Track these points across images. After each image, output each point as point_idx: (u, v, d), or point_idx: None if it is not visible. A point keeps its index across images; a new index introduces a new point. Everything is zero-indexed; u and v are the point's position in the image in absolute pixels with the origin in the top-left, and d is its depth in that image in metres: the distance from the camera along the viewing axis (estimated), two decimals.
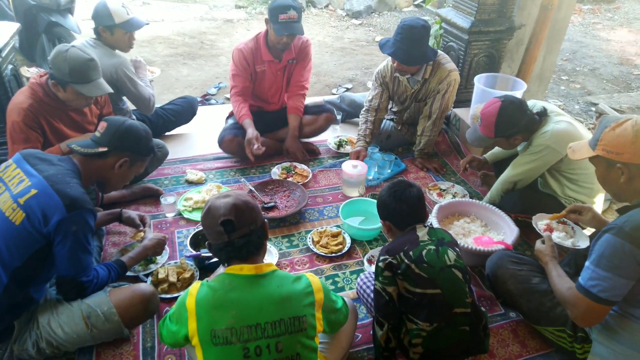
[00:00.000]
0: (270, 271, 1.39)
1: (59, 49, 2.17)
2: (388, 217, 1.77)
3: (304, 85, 3.18)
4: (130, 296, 1.77)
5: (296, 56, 3.12)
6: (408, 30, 2.73)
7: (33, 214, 1.55)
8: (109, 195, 2.56)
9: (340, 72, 5.32)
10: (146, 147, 1.91)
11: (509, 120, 2.29)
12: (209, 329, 1.29)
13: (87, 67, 2.17)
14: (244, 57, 3.00)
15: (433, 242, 1.68)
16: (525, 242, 2.53)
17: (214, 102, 4.27)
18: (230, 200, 1.39)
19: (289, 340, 1.32)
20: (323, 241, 2.44)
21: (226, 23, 6.77)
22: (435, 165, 3.17)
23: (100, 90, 2.25)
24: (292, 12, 2.82)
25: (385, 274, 1.64)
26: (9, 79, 2.67)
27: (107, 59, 2.68)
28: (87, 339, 1.73)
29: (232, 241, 1.37)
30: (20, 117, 2.19)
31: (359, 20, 7.27)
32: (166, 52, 5.54)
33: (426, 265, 1.61)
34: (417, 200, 1.73)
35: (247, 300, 1.32)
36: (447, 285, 1.62)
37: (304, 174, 3.01)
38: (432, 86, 2.97)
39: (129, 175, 1.94)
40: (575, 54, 6.18)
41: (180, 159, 3.14)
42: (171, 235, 2.47)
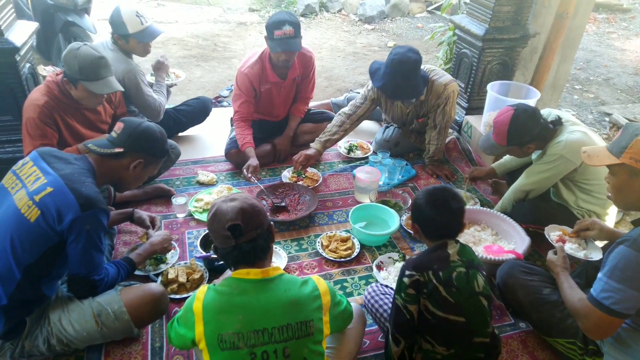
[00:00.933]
0: (277, 275, 1.39)
1: (71, 47, 2.21)
2: (419, 222, 1.67)
3: (309, 96, 3.26)
4: (141, 296, 1.79)
5: (301, 73, 3.10)
6: (398, 65, 2.65)
7: (48, 212, 1.57)
8: (122, 194, 2.58)
9: (352, 76, 5.32)
10: (161, 149, 1.93)
11: (521, 128, 2.27)
12: (216, 333, 1.29)
13: (97, 65, 2.20)
14: (249, 81, 2.94)
15: (463, 263, 1.59)
16: (536, 252, 2.51)
17: (226, 104, 4.29)
18: (237, 204, 1.37)
19: (296, 345, 1.32)
20: (332, 246, 2.44)
21: (239, 26, 6.81)
22: (446, 172, 3.15)
23: (110, 87, 2.26)
24: (288, 27, 2.72)
25: (410, 291, 1.56)
26: (27, 77, 2.70)
27: (118, 63, 2.69)
28: (96, 336, 1.74)
29: (239, 245, 1.36)
30: (35, 113, 2.22)
31: (372, 25, 7.28)
32: (180, 54, 5.59)
33: (455, 290, 1.54)
34: (457, 215, 1.62)
35: (254, 305, 1.32)
36: (472, 314, 1.56)
37: (315, 177, 3.01)
38: (431, 103, 2.95)
39: (143, 176, 1.95)
40: (589, 63, 6.13)
41: (191, 160, 3.16)
42: (181, 236, 2.48)
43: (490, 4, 3.14)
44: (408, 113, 3.06)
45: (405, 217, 2.68)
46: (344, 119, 3.00)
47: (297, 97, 3.23)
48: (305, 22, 7.17)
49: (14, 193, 1.65)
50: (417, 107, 3.01)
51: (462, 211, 1.63)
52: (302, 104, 3.25)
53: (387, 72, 2.69)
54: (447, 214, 1.61)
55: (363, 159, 3.27)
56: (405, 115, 3.09)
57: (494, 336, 1.64)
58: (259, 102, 3.09)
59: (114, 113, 2.63)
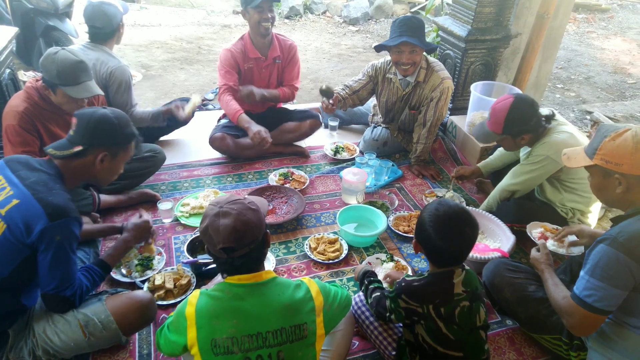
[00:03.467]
0: (269, 279, 1.38)
1: (49, 51, 2.16)
2: (427, 249, 1.54)
3: (295, 84, 3.29)
4: (128, 303, 1.75)
5: (281, 55, 3.17)
6: (409, 20, 2.80)
7: (15, 225, 1.50)
8: (106, 200, 2.55)
9: (338, 78, 5.33)
10: (123, 136, 1.77)
11: (519, 117, 2.27)
12: (210, 338, 1.28)
13: (76, 69, 2.15)
14: (231, 56, 3.05)
15: (467, 295, 1.51)
16: (521, 250, 2.54)
17: (212, 107, 4.27)
18: (230, 223, 1.31)
19: (290, 349, 1.32)
20: (320, 248, 2.44)
21: (224, 28, 6.79)
22: (432, 172, 3.18)
23: (89, 92, 2.22)
24: None
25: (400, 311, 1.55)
26: (7, 83, 2.66)
27: (109, 58, 2.74)
28: (84, 346, 1.70)
29: (231, 260, 1.35)
30: (15, 120, 2.18)
31: (356, 26, 7.31)
32: (164, 57, 5.54)
33: (456, 327, 1.49)
34: (470, 244, 1.49)
35: (247, 310, 1.31)
36: (470, 349, 1.54)
37: (301, 180, 3.01)
38: (425, 93, 2.99)
39: (117, 166, 1.82)
40: (570, 62, 6.24)
41: (177, 164, 3.14)
42: (168, 241, 2.46)
43: (472, 5, 3.18)
44: (403, 96, 3.08)
45: (393, 217, 2.69)
46: (344, 87, 3.18)
47: (284, 84, 3.27)
48: (290, 24, 7.17)
49: None
50: (413, 90, 3.03)
51: (476, 235, 1.50)
52: (288, 89, 3.25)
53: (403, 29, 2.79)
54: (461, 243, 1.49)
55: (349, 161, 3.28)
56: (400, 99, 3.11)
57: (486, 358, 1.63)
58: (241, 82, 3.13)
59: None
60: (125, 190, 2.68)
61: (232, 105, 3.01)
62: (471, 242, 1.49)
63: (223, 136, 3.06)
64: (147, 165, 2.73)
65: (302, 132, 3.29)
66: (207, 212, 1.38)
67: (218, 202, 1.39)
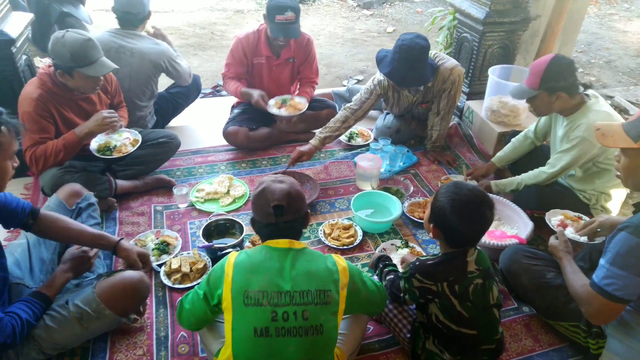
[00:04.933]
0: (302, 247, 1.49)
1: (56, 36, 2.16)
2: (441, 228, 1.54)
3: (314, 80, 3.26)
4: (117, 287, 1.70)
5: (295, 54, 3.12)
6: (406, 51, 2.61)
7: None
8: (122, 185, 2.57)
9: (351, 63, 5.28)
10: None
11: (558, 72, 2.19)
12: (243, 289, 1.38)
13: (87, 47, 2.16)
14: (242, 48, 3.01)
15: (481, 273, 1.53)
16: (539, 237, 2.50)
17: (225, 93, 4.26)
18: (285, 187, 1.47)
19: (314, 310, 1.39)
20: (335, 234, 2.43)
21: (236, 14, 6.74)
22: (448, 158, 3.14)
23: (105, 68, 2.23)
24: (290, 13, 2.76)
25: (414, 290, 1.57)
26: (23, 69, 2.68)
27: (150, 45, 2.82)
28: (86, 335, 1.70)
29: (277, 223, 1.46)
30: (31, 107, 2.19)
31: (370, 10, 7.20)
32: (177, 43, 5.53)
33: (470, 304, 1.51)
34: (489, 224, 1.50)
35: (279, 269, 1.41)
36: (484, 327, 1.56)
37: (299, 107, 3.01)
38: (437, 89, 2.92)
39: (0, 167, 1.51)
40: (591, 45, 6.07)
41: (191, 150, 3.15)
42: (184, 226, 2.48)
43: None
44: (414, 101, 3.02)
45: (408, 204, 2.67)
46: (348, 115, 2.92)
47: (302, 80, 3.27)
48: (303, 9, 7.08)
49: None
50: (424, 94, 2.97)
51: (493, 218, 1.52)
52: (308, 87, 3.23)
53: (395, 58, 2.65)
54: (479, 224, 1.50)
55: (364, 147, 3.26)
56: (412, 104, 3.06)
57: (499, 341, 1.64)
58: (250, 77, 3.11)
59: (111, 102, 2.61)
60: (141, 175, 2.69)
61: (231, 85, 3.06)
62: (490, 222, 1.51)
63: (236, 130, 3.04)
64: (162, 151, 2.74)
65: (319, 121, 3.26)
66: (262, 180, 1.53)
67: (272, 176, 1.56)
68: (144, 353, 1.82)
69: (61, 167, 2.33)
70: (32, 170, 2.33)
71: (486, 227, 1.52)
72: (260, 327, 1.36)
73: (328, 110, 3.27)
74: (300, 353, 1.38)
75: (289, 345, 1.37)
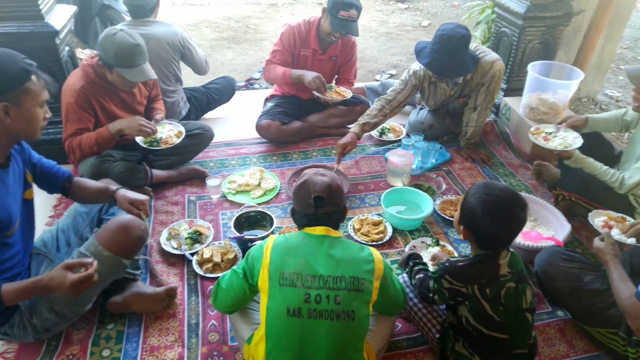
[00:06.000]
0: (338, 236, 1.53)
1: (108, 32, 2.23)
2: (472, 230, 1.51)
3: (351, 81, 3.29)
4: (113, 227, 1.74)
5: (339, 54, 3.13)
6: (446, 40, 2.56)
7: None
8: (158, 175, 2.64)
9: (385, 57, 5.22)
10: (10, 77, 1.47)
11: None
12: (279, 270, 1.43)
13: (133, 52, 2.22)
14: (293, 35, 3.00)
15: (513, 276, 1.49)
16: (576, 239, 2.42)
17: (258, 86, 4.30)
18: (327, 180, 1.52)
19: (347, 296, 1.41)
20: (364, 229, 2.43)
21: (271, 7, 6.77)
22: (482, 156, 3.07)
23: (143, 76, 2.29)
24: (354, 11, 2.80)
25: (444, 292, 1.55)
26: (66, 60, 2.77)
27: (169, 29, 2.90)
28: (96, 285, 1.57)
29: (316, 214, 1.51)
30: (73, 98, 2.27)
31: (405, 4, 7.09)
32: (212, 36, 5.61)
33: (502, 308, 1.48)
34: (522, 226, 1.45)
35: (314, 254, 1.45)
36: (516, 331, 1.52)
37: (343, 93, 3.07)
38: (476, 81, 2.85)
39: (30, 112, 1.54)
40: (637, 41, 5.80)
41: (224, 142, 3.19)
42: (216, 217, 2.52)
43: None
44: (452, 95, 2.96)
45: (439, 201, 2.63)
46: (383, 104, 2.90)
47: (340, 79, 3.29)
48: None
49: None
50: (462, 87, 2.90)
51: (526, 219, 1.48)
52: (345, 85, 3.25)
53: (434, 48, 2.61)
54: (512, 226, 1.45)
55: (396, 142, 3.22)
56: (449, 98, 3.00)
57: (532, 345, 1.59)
58: (294, 66, 3.10)
59: (149, 95, 2.67)
60: (176, 166, 2.76)
61: (278, 69, 3.03)
62: (523, 224, 1.47)
63: (269, 124, 3.06)
64: (197, 142, 2.79)
65: (351, 117, 3.23)
66: (305, 172, 1.60)
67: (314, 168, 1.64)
68: (176, 339, 1.87)
69: (100, 155, 2.40)
70: (70, 159, 2.41)
71: (519, 229, 1.47)
72: (293, 307, 1.39)
73: (361, 106, 3.25)
74: (331, 336, 1.39)
75: (320, 327, 1.39)
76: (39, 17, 2.53)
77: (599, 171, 2.31)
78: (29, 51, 2.51)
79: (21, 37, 2.51)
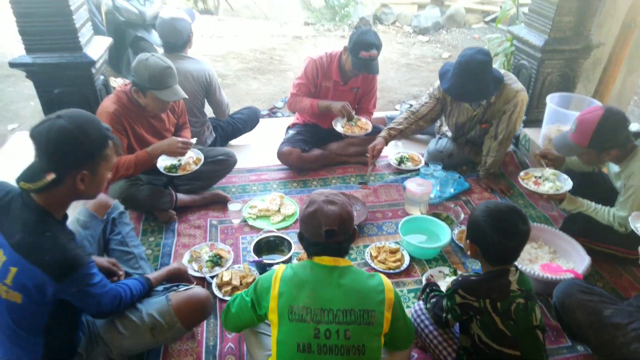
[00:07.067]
0: (346, 266, 1.51)
1: (140, 57, 2.38)
2: (481, 246, 1.59)
3: (371, 111, 3.37)
4: (189, 302, 1.79)
5: (361, 85, 3.22)
6: (464, 66, 2.65)
7: (27, 291, 1.42)
8: (182, 199, 2.73)
9: (405, 88, 5.31)
10: (94, 146, 1.47)
11: (609, 131, 2.13)
12: (288, 304, 1.42)
13: (165, 74, 2.36)
14: (315, 68, 3.11)
15: (523, 293, 1.55)
16: (597, 273, 2.39)
17: (280, 115, 4.42)
18: (337, 210, 1.48)
19: (357, 330, 1.40)
20: (381, 257, 2.44)
21: (295, 39, 6.99)
22: (502, 187, 3.07)
23: (176, 95, 2.42)
24: (374, 50, 2.88)
25: (456, 308, 1.58)
26: (100, 88, 2.93)
27: (198, 64, 3.01)
28: (152, 345, 1.80)
29: (327, 243, 1.49)
30: (107, 120, 2.37)
31: (426, 36, 7.24)
32: (238, 67, 5.82)
33: (512, 322, 1.52)
34: (524, 239, 1.55)
35: (323, 286, 1.44)
36: (527, 348, 1.54)
37: (365, 126, 3.11)
38: (498, 107, 2.89)
39: (102, 177, 1.55)
40: None
41: (246, 168, 3.28)
42: (236, 241, 2.58)
43: (550, 14, 3.06)
44: (474, 117, 3.01)
45: (457, 231, 2.64)
46: (409, 114, 3.07)
47: (360, 109, 3.36)
48: None
49: None
50: (485, 109, 2.95)
51: (529, 233, 1.57)
52: (365, 116, 3.30)
53: (455, 72, 2.70)
54: (515, 239, 1.54)
55: (414, 171, 3.26)
56: (470, 119, 3.04)
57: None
58: (315, 98, 3.19)
59: (177, 122, 2.80)
60: (199, 190, 2.85)
61: (305, 101, 3.14)
62: (525, 237, 1.54)
63: (290, 151, 3.15)
64: (220, 168, 2.89)
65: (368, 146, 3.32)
66: (314, 198, 1.53)
67: (322, 193, 1.56)
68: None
69: (128, 179, 2.51)
70: None
71: (521, 239, 1.54)
72: (303, 343, 1.39)
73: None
74: None
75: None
76: (78, 49, 2.70)
77: (592, 210, 2.33)
78: (67, 79, 2.74)
79: (61, 67, 2.68)
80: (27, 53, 2.67)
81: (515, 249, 1.57)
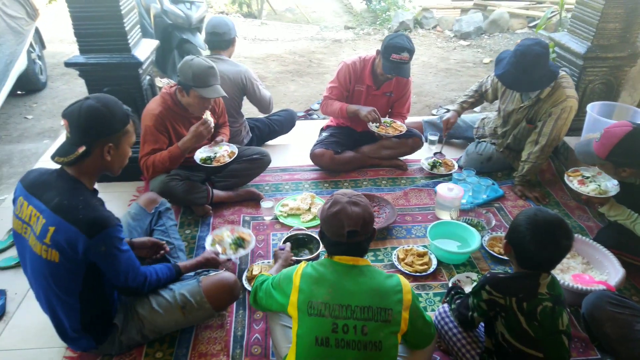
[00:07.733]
0: (365, 265, 1.55)
1: (186, 58, 2.54)
2: (513, 244, 1.60)
3: (405, 115, 3.39)
4: (219, 285, 1.95)
5: (394, 90, 3.24)
6: (520, 56, 2.67)
7: (63, 249, 1.57)
8: (218, 195, 2.85)
9: (442, 92, 5.28)
10: (118, 121, 1.68)
11: (629, 150, 2.09)
12: (308, 300, 1.48)
13: (207, 74, 2.50)
14: (348, 72, 3.16)
15: (551, 297, 1.54)
16: (633, 286, 2.32)
17: (316, 117, 4.50)
18: (360, 211, 1.51)
19: (374, 327, 1.44)
20: (408, 259, 2.46)
21: (334, 43, 7.07)
22: (537, 195, 3.01)
23: (217, 93, 2.56)
24: (406, 54, 2.91)
25: (482, 305, 1.59)
26: (146, 88, 3.09)
27: (234, 67, 3.12)
28: (183, 323, 1.95)
29: (347, 243, 1.52)
30: (152, 122, 2.54)
31: (468, 41, 7.14)
32: (278, 69, 5.95)
33: (537, 324, 1.52)
34: (563, 253, 1.54)
35: (342, 284, 1.49)
36: (551, 352, 1.53)
37: (399, 128, 3.15)
38: (546, 107, 2.85)
39: (124, 151, 1.77)
40: None
41: (280, 167, 3.37)
42: (267, 237, 2.67)
43: (594, 21, 2.99)
44: (521, 108, 2.98)
45: (488, 237, 2.61)
46: (476, 88, 3.30)
47: (393, 113, 3.39)
48: None
49: (28, 238, 1.66)
50: (533, 104, 2.92)
51: (570, 249, 1.54)
52: (399, 119, 3.33)
53: (510, 61, 2.73)
54: (554, 251, 1.53)
55: (446, 176, 3.25)
56: (517, 110, 3.01)
57: None
58: (348, 102, 3.23)
59: (217, 122, 2.92)
60: (235, 187, 2.97)
61: (335, 104, 3.19)
62: (565, 252, 1.52)
63: (322, 153, 3.20)
64: (255, 167, 2.99)
65: (403, 150, 3.34)
66: (337, 199, 1.56)
67: (345, 193, 1.59)
68: (222, 349, 1.99)
69: (168, 174, 2.64)
70: (144, 175, 2.68)
71: (559, 255, 1.53)
72: (321, 337, 1.44)
73: (413, 139, 3.33)
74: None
75: (347, 357, 1.43)
76: (127, 50, 2.87)
77: (632, 222, 2.23)
78: (116, 78, 2.92)
79: (111, 67, 2.86)
80: (81, 53, 2.86)
81: (550, 259, 1.55)
